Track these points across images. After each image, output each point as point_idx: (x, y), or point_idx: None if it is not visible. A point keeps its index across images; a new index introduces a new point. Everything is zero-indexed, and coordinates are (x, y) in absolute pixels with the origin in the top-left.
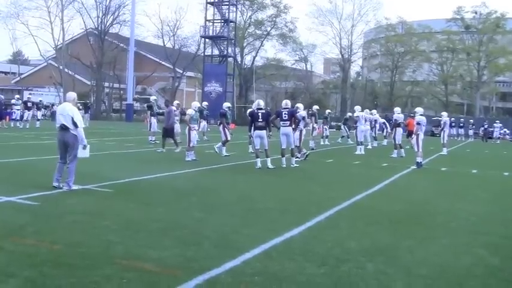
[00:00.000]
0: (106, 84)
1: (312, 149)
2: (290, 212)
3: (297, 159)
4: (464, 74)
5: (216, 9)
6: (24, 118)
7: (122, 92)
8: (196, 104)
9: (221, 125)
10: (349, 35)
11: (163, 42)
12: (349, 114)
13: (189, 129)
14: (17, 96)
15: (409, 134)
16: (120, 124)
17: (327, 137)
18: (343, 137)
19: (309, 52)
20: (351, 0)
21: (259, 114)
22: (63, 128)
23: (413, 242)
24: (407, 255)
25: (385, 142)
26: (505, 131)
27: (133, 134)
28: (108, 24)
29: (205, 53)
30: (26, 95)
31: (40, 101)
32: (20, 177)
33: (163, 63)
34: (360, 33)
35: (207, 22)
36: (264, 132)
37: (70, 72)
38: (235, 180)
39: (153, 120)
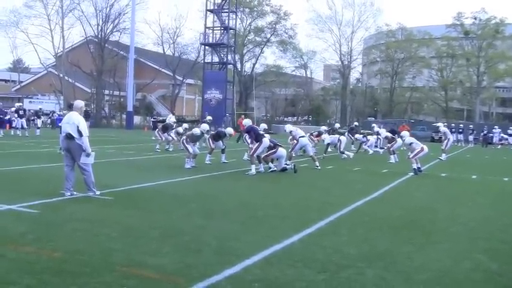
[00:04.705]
0: (106, 91)
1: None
2: (290, 219)
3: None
4: (464, 80)
5: (215, 17)
6: (19, 126)
7: (122, 99)
8: (205, 128)
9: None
10: (349, 41)
11: (163, 50)
12: (355, 123)
13: (184, 141)
14: (17, 104)
15: None
16: (120, 132)
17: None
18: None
19: (309, 59)
20: (350, 7)
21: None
22: (69, 136)
23: (413, 248)
24: (407, 261)
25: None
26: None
27: (134, 142)
28: (108, 31)
29: (205, 60)
30: (26, 102)
31: (40, 108)
32: (20, 185)
33: (163, 70)
34: (360, 40)
35: (206, 29)
36: None
37: (70, 80)
38: (235, 187)
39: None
